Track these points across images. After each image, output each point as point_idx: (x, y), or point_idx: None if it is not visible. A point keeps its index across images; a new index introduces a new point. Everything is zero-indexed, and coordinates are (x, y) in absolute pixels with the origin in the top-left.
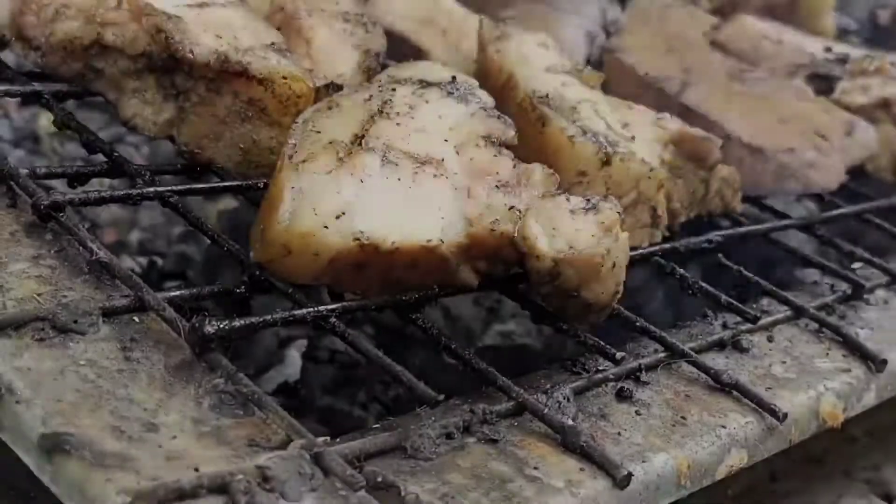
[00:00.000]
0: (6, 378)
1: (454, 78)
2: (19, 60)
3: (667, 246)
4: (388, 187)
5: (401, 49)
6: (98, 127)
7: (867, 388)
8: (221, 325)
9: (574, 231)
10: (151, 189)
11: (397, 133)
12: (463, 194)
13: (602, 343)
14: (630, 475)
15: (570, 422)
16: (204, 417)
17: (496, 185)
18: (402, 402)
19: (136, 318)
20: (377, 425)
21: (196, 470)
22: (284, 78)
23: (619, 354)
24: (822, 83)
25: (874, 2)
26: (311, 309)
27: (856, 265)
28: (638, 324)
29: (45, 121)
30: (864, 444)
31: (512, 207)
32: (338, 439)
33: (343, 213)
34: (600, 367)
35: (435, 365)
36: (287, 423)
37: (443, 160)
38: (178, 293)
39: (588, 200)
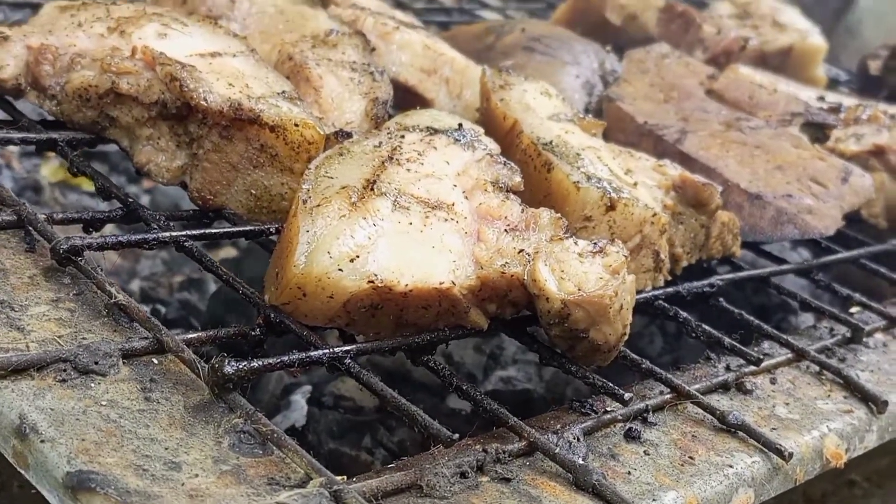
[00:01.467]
0: (30, 418)
1: (461, 125)
2: (32, 108)
3: (670, 290)
4: (400, 231)
5: (405, 98)
6: None
7: (869, 430)
8: (240, 366)
9: (582, 273)
10: (167, 234)
11: (408, 178)
12: (473, 238)
13: (610, 384)
14: None
15: (582, 461)
16: (224, 456)
17: (505, 229)
18: (406, 446)
19: (155, 360)
20: (392, 465)
21: None
22: (296, 125)
23: (627, 395)
24: (817, 131)
25: (864, 52)
26: (327, 350)
27: (853, 309)
28: (644, 366)
29: (46, 171)
30: (864, 488)
31: (521, 251)
32: (354, 478)
33: (357, 256)
34: (608, 408)
35: (438, 410)
36: (306, 462)
37: (453, 204)
38: (195, 335)
39: (595, 244)
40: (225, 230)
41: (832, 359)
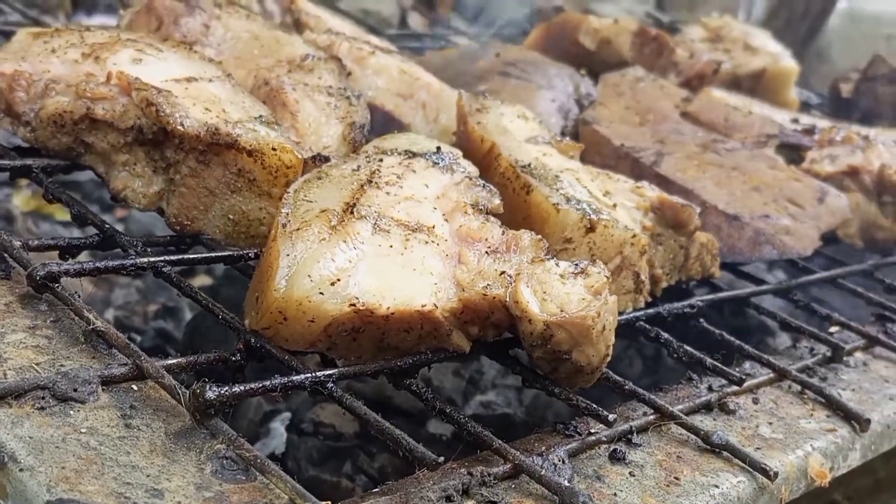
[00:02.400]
0: (9, 447)
1: (439, 148)
2: (3, 135)
3: (650, 311)
4: (381, 254)
5: (382, 122)
6: None
7: (852, 448)
8: (222, 391)
9: (564, 294)
10: (145, 259)
11: (387, 201)
12: (454, 260)
13: (594, 406)
14: None
15: (567, 483)
16: (207, 483)
17: (486, 251)
18: (388, 472)
19: (135, 387)
20: (377, 490)
21: None
22: (274, 149)
23: (611, 416)
24: (792, 153)
25: (833, 76)
26: (309, 375)
27: (833, 329)
28: (627, 387)
29: (18, 200)
30: None
31: (503, 273)
32: (339, 503)
33: (338, 280)
34: (592, 430)
35: (418, 436)
36: (290, 487)
37: (433, 227)
38: (175, 361)
39: (577, 265)
40: (203, 255)
41: (813, 378)
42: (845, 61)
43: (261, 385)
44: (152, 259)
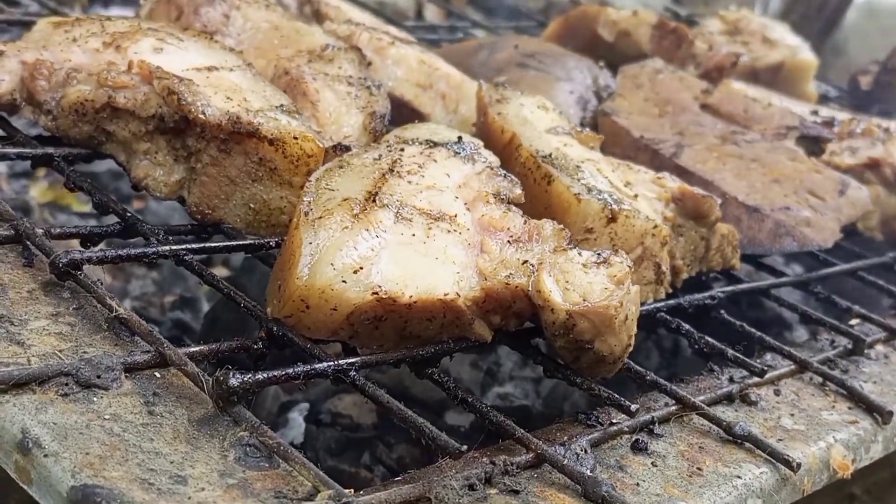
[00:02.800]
0: (33, 433)
1: (460, 138)
2: (23, 123)
3: (671, 302)
4: (403, 242)
5: (401, 112)
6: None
7: (875, 440)
8: (245, 378)
9: (587, 284)
10: (167, 248)
11: (409, 190)
12: (476, 249)
13: (616, 396)
14: None
15: (590, 473)
16: (230, 470)
17: (508, 241)
18: (406, 463)
19: (158, 374)
20: (399, 478)
21: None
22: (295, 138)
23: (633, 407)
24: (812, 145)
25: (850, 70)
26: (332, 363)
27: (853, 321)
28: (648, 377)
29: (35, 191)
30: (864, 501)
31: (525, 262)
32: (361, 491)
33: (360, 268)
34: (614, 420)
35: (436, 427)
36: (314, 475)
37: (455, 216)
38: (197, 349)
39: (599, 254)
40: (225, 244)
41: (835, 370)
42: (862, 55)
43: (284, 373)
44: (174, 247)
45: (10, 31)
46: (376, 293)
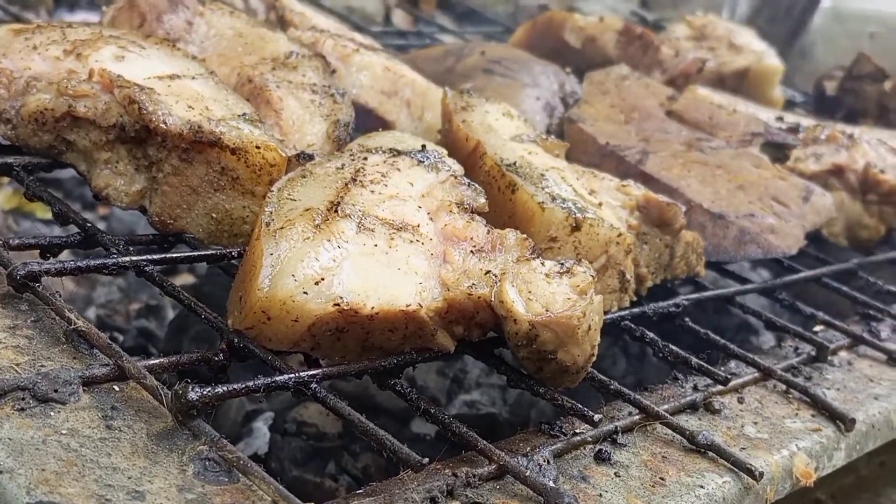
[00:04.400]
0: None
1: (424, 147)
2: None
3: (636, 311)
4: (366, 253)
5: (366, 120)
6: None
7: (837, 448)
8: (205, 392)
9: (550, 294)
10: (127, 258)
11: (372, 200)
12: (439, 259)
13: (579, 406)
14: None
15: (552, 484)
16: (189, 485)
17: (471, 251)
18: (371, 472)
19: (117, 387)
20: (360, 491)
21: None
22: (258, 147)
23: (596, 417)
24: (777, 151)
25: (817, 74)
26: (293, 375)
27: (817, 328)
28: (612, 387)
29: None
30: None
31: (488, 272)
32: None
33: (322, 279)
34: (577, 430)
35: (402, 436)
36: (273, 489)
37: (418, 226)
38: (157, 361)
39: (562, 264)
40: (186, 254)
41: (798, 377)
42: (829, 59)
43: (244, 386)
44: (134, 258)
45: None
46: (338, 304)
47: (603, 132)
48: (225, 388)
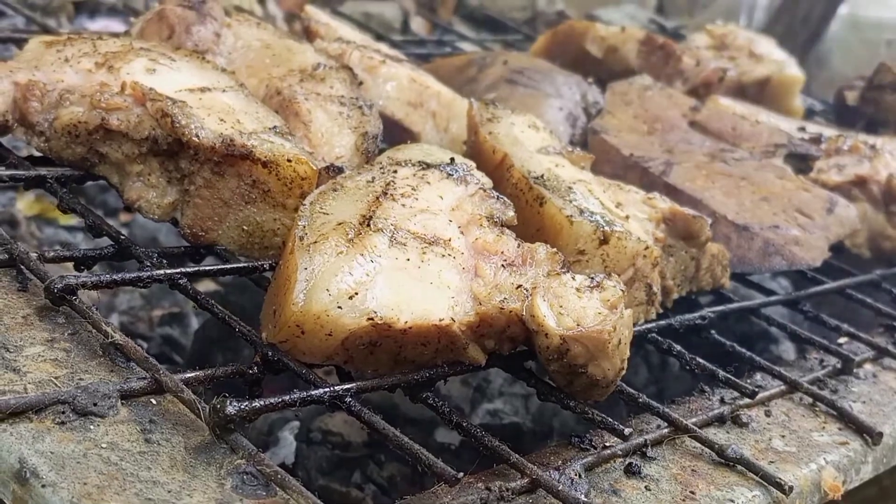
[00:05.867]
0: (30, 462)
1: (452, 159)
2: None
3: (662, 323)
4: (398, 267)
5: (391, 131)
6: None
7: (865, 461)
8: (242, 406)
9: (581, 308)
10: (161, 271)
11: (403, 214)
12: (470, 273)
13: (610, 419)
14: None
15: (584, 498)
16: (227, 498)
17: (502, 265)
18: (396, 481)
19: (154, 400)
20: None
21: None
22: (289, 160)
23: (627, 430)
24: (800, 162)
25: (834, 83)
26: (328, 389)
27: (841, 340)
28: (640, 400)
29: (22, 205)
30: None
31: (519, 286)
32: None
33: (356, 293)
34: (607, 443)
35: (426, 445)
36: (311, 503)
37: (449, 240)
38: (193, 374)
39: (592, 279)
40: (219, 267)
41: (824, 390)
42: (846, 68)
43: (280, 399)
44: (168, 271)
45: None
46: (371, 319)
47: (626, 143)
48: (262, 403)
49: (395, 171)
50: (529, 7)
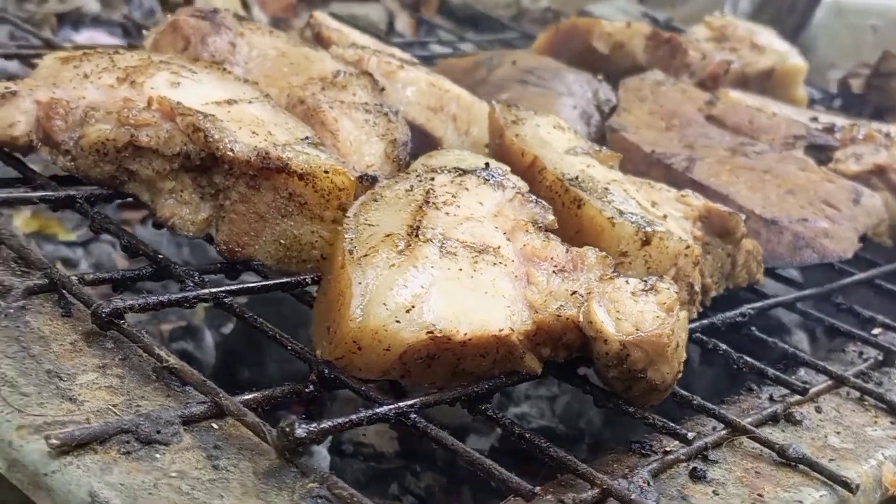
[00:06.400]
0: (102, 495)
1: (487, 164)
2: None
3: (705, 322)
4: (451, 277)
5: (412, 136)
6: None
7: None
8: (312, 428)
9: (638, 313)
10: (206, 291)
11: (449, 222)
12: (522, 281)
13: (672, 424)
14: None
15: None
16: None
17: (553, 271)
18: (434, 492)
19: (216, 425)
20: None
21: None
22: (326, 172)
23: (690, 434)
24: (819, 153)
25: (820, 69)
26: (392, 406)
27: (875, 331)
28: (695, 402)
29: (19, 222)
30: None
31: (574, 292)
32: None
33: (413, 307)
34: (668, 448)
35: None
36: None
37: (498, 247)
38: (251, 396)
39: (645, 282)
40: (262, 283)
41: (869, 383)
42: (831, 54)
43: (348, 420)
44: (213, 290)
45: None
46: (430, 332)
47: (646, 140)
48: (331, 424)
49: (433, 179)
50: (514, 4)
